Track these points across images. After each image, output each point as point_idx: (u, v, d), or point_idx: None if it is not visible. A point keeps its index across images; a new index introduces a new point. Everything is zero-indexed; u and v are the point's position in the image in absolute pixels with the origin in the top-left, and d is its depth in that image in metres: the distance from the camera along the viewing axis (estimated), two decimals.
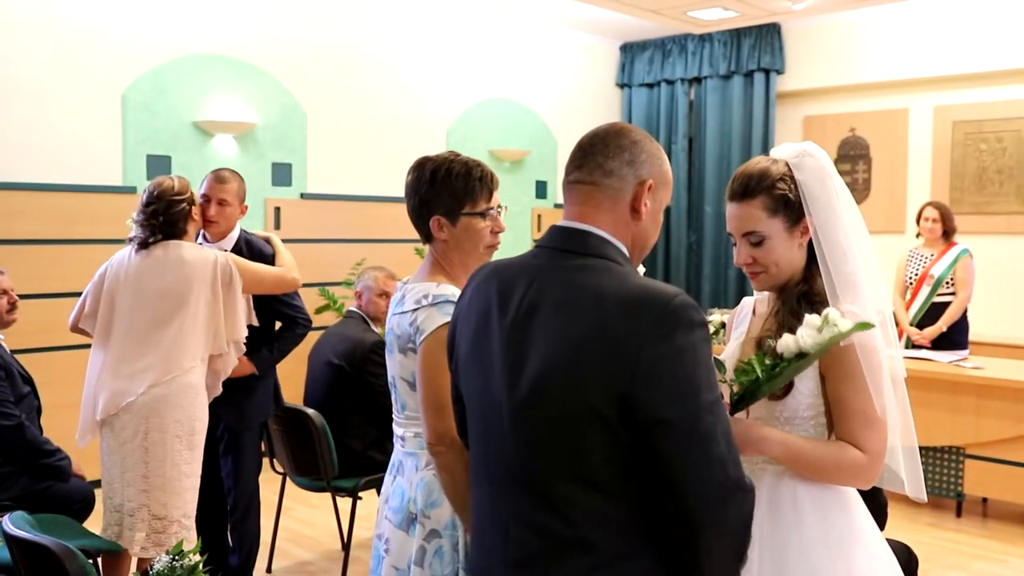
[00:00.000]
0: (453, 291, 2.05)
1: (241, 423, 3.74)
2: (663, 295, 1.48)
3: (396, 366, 2.15)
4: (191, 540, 3.39)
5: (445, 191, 2.13)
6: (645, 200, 1.63)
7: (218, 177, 3.71)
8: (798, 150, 1.96)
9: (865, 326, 1.77)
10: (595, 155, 1.64)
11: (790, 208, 1.91)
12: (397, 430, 2.20)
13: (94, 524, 3.62)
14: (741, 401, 1.78)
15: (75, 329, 3.60)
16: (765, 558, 1.83)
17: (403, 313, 2.11)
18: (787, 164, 1.94)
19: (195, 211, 3.56)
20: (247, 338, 3.58)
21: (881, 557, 1.92)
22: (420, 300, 2.07)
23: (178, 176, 3.64)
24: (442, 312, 2.02)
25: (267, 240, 3.87)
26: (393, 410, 2.22)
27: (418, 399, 2.05)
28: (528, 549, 1.57)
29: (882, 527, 3.01)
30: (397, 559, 2.11)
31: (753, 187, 1.91)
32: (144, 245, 3.47)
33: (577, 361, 1.48)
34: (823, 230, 1.91)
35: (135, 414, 3.32)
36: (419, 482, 2.09)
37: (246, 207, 3.80)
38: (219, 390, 3.56)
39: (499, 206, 2.21)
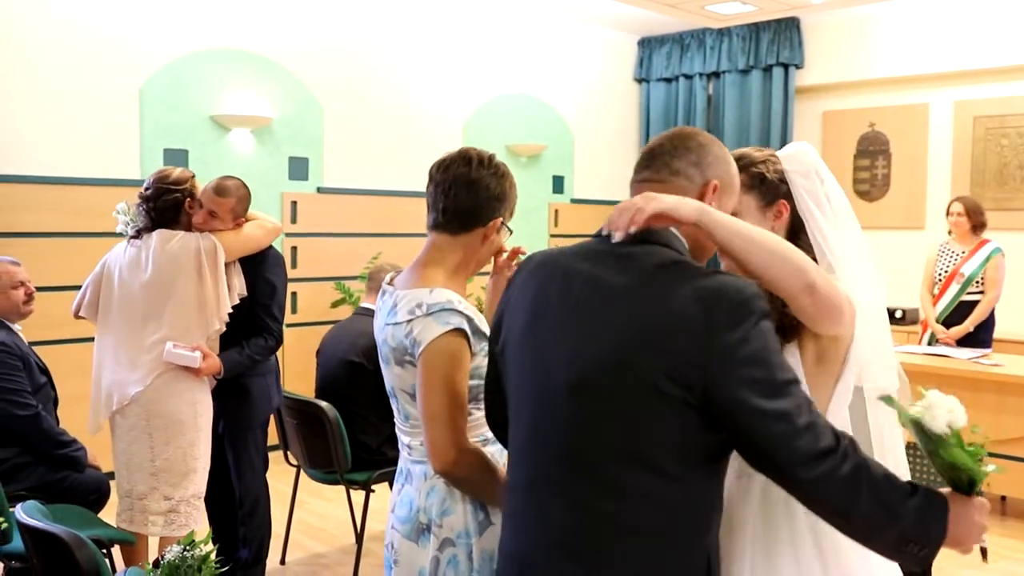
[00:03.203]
0: (448, 296, 1.98)
1: (239, 424, 3.75)
2: (736, 284, 1.52)
3: (394, 378, 2.07)
4: (202, 520, 3.48)
5: (512, 196, 2.10)
6: (710, 201, 1.66)
7: (219, 188, 3.54)
8: (793, 146, 1.99)
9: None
10: (663, 155, 1.69)
11: (766, 186, 1.92)
12: (403, 438, 2.14)
13: (109, 514, 3.65)
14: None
15: (77, 316, 3.68)
16: (758, 555, 1.81)
17: (396, 324, 2.01)
18: (774, 154, 1.96)
19: (191, 204, 3.54)
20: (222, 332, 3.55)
21: (875, 557, 1.89)
22: (414, 310, 1.98)
23: (183, 168, 3.66)
24: (439, 321, 1.94)
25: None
26: (396, 419, 2.16)
27: (419, 412, 2.00)
28: (575, 532, 1.56)
29: None
30: (407, 570, 2.04)
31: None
32: (137, 236, 3.52)
33: (644, 343, 1.51)
34: (807, 221, 1.91)
35: (138, 404, 3.43)
36: (431, 490, 2.02)
37: (242, 222, 3.61)
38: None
39: None
